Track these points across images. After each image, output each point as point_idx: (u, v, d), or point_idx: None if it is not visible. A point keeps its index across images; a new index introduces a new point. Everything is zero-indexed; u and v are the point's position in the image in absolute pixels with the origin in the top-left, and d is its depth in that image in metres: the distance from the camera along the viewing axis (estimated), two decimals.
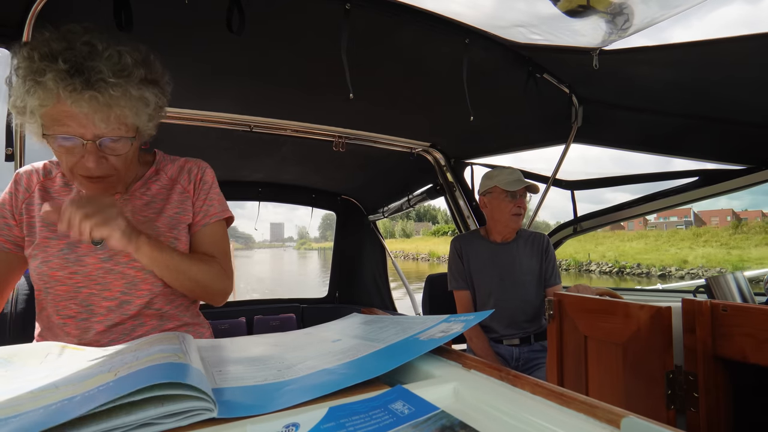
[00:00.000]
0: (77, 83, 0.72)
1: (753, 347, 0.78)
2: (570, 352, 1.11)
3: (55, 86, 0.71)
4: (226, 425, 0.39)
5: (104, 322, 0.85)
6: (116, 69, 0.76)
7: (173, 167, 0.98)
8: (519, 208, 1.87)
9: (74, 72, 0.73)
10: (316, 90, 1.75)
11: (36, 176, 0.90)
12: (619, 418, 0.35)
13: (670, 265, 29.28)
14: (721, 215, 61.08)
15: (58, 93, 0.72)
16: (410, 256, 59.28)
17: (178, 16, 1.21)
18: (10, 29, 1.16)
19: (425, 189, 2.92)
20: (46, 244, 0.84)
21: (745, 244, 31.37)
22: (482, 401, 0.43)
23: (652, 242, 36.20)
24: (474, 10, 1.33)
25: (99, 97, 0.74)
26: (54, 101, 0.73)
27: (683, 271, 27.95)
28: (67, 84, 0.71)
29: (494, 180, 1.90)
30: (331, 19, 1.25)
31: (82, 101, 0.73)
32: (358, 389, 0.46)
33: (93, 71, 0.74)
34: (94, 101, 0.74)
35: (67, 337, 0.85)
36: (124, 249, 0.78)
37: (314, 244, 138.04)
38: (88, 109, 0.74)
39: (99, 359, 0.56)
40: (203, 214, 0.97)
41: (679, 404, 0.87)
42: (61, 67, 0.72)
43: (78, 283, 0.84)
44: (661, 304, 0.91)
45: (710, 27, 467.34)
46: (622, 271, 31.10)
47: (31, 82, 0.72)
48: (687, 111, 1.65)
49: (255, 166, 2.71)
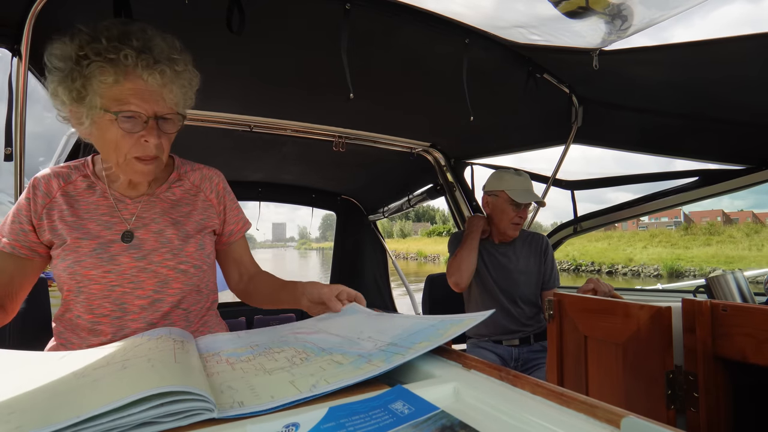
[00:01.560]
0: (149, 59, 0.79)
1: (753, 347, 0.78)
2: (570, 352, 1.11)
3: (133, 62, 0.77)
4: (226, 425, 0.39)
5: (138, 321, 0.86)
6: (174, 48, 0.84)
7: (194, 174, 1.01)
8: (520, 219, 1.86)
9: (146, 49, 0.79)
10: (316, 90, 1.75)
11: (56, 181, 0.90)
12: (619, 418, 0.35)
13: (618, 263, 32.12)
14: (712, 216, 61.16)
15: (134, 68, 0.77)
16: (401, 255, 61.07)
17: (178, 16, 1.21)
18: (10, 29, 1.16)
19: (425, 189, 2.93)
20: (78, 245, 0.85)
21: (691, 244, 33.90)
22: (482, 401, 0.43)
23: (615, 242, 37.98)
24: (474, 11, 1.33)
25: (167, 71, 0.81)
26: (124, 79, 0.78)
27: (627, 268, 31.37)
28: (143, 59, 0.78)
29: (504, 184, 1.88)
30: (331, 19, 1.25)
31: (156, 74, 0.79)
32: (358, 389, 0.46)
33: (158, 49, 0.81)
34: (164, 75, 0.80)
35: (97, 338, 0.85)
36: None
37: (314, 244, 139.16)
38: (160, 81, 0.80)
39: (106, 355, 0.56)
40: (242, 223, 1.05)
41: (679, 404, 0.87)
42: (135, 45, 0.78)
43: (112, 281, 0.85)
44: (661, 304, 0.91)
45: (712, 26, 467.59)
46: (578, 268, 33.84)
47: (100, 62, 0.76)
48: (687, 111, 1.65)
49: (255, 166, 2.71)
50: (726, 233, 33.46)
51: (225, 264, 1.08)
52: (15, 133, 1.21)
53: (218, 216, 1.00)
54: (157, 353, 0.54)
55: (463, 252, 1.83)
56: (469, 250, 1.83)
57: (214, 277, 1.01)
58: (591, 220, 2.27)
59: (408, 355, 0.52)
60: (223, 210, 1.01)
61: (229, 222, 1.03)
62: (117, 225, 0.88)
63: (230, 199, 1.04)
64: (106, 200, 0.90)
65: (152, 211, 0.92)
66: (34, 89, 1.29)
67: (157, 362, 0.49)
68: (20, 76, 1.19)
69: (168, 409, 0.39)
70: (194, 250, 0.91)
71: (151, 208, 0.92)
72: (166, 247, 0.89)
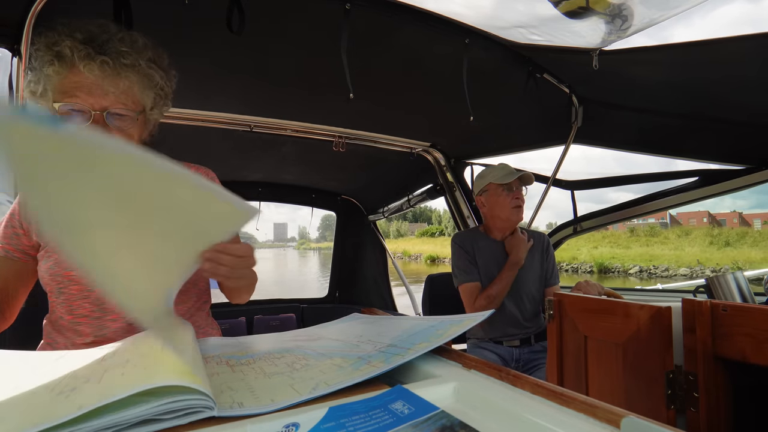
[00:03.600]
0: (90, 49, 0.78)
1: (753, 347, 0.78)
2: (570, 352, 1.11)
3: (70, 52, 0.76)
4: (226, 425, 0.39)
5: (118, 321, 0.86)
6: (127, 42, 0.82)
7: None
8: (518, 200, 1.85)
9: (88, 41, 0.79)
10: (316, 90, 1.75)
11: None
12: (619, 418, 0.35)
13: (563, 261, 35.22)
14: (698, 217, 61.49)
15: (72, 59, 0.77)
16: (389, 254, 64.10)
17: (178, 16, 1.21)
18: (10, 29, 1.16)
19: (425, 189, 2.92)
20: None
21: (633, 245, 37.25)
22: (482, 401, 0.43)
23: (573, 242, 40.93)
24: (474, 11, 1.33)
25: (110, 62, 0.79)
26: (67, 71, 0.78)
27: (569, 265, 35.11)
28: (81, 50, 0.77)
29: (487, 178, 1.89)
30: (331, 19, 1.25)
31: (93, 65, 0.77)
32: (358, 389, 0.46)
33: (105, 42, 0.80)
34: (106, 66, 0.78)
35: (80, 337, 0.86)
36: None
37: (312, 245, 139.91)
38: (99, 73, 0.78)
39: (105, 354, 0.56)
40: None
41: (679, 404, 0.87)
42: (77, 37, 0.78)
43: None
44: (661, 304, 0.91)
45: (712, 26, 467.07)
46: None
47: (49, 54, 0.77)
48: (687, 111, 1.65)
49: (255, 166, 2.71)
50: (662, 235, 37.75)
51: None
52: None
53: None
54: (157, 349, 0.54)
55: (502, 287, 1.78)
56: (508, 282, 1.79)
57: (204, 276, 0.98)
58: (591, 220, 2.27)
59: (408, 356, 0.52)
60: None
61: None
62: None
63: None
64: None
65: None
66: None
67: (158, 356, 0.49)
68: (20, 76, 1.19)
69: (169, 406, 0.39)
70: None
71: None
72: None
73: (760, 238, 34.24)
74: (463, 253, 1.91)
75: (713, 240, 34.87)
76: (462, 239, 1.95)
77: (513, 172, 1.87)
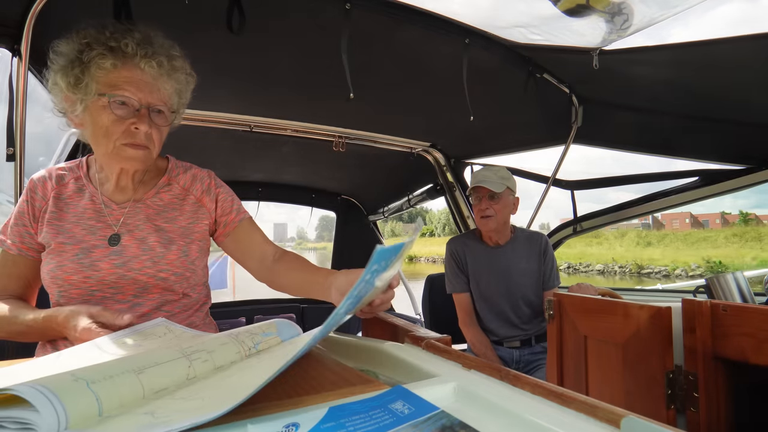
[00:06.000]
0: (149, 50, 0.84)
1: (753, 347, 0.78)
2: (570, 352, 1.11)
3: (133, 51, 0.82)
4: (226, 425, 0.39)
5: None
6: (174, 48, 0.90)
7: (185, 176, 1.01)
8: (481, 210, 1.81)
9: (146, 41, 0.85)
10: (316, 90, 1.75)
11: (50, 184, 0.92)
12: (619, 418, 0.35)
13: None
14: (681, 218, 61.92)
15: (133, 57, 0.82)
16: None
17: (178, 16, 1.21)
18: (10, 29, 1.16)
19: (425, 189, 2.92)
20: (61, 249, 0.86)
21: (578, 244, 40.53)
22: (482, 401, 0.43)
23: None
24: (474, 11, 1.33)
25: (165, 63, 0.86)
26: (122, 66, 0.82)
27: None
28: (143, 48, 0.83)
29: (472, 181, 1.89)
30: (331, 19, 1.25)
31: (153, 63, 0.84)
32: (358, 389, 0.46)
33: (158, 43, 0.87)
34: (161, 67, 0.85)
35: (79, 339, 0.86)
36: None
37: (310, 244, 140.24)
38: (156, 72, 0.85)
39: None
40: (236, 213, 1.03)
41: (679, 404, 0.87)
42: (137, 36, 0.84)
43: (92, 287, 0.86)
44: (661, 304, 0.91)
45: (710, 26, 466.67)
46: None
47: (101, 49, 0.81)
48: (687, 111, 1.65)
49: (255, 166, 2.71)
50: (602, 236, 41.72)
51: (238, 256, 1.04)
52: (15, 133, 1.21)
53: (210, 214, 0.99)
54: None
55: (482, 356, 1.78)
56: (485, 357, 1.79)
57: (203, 280, 0.99)
58: (591, 219, 2.27)
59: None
60: (215, 204, 1.00)
61: (222, 213, 1.01)
62: (102, 230, 0.88)
63: (223, 191, 1.02)
64: (93, 204, 0.91)
65: (136, 218, 0.91)
66: (34, 89, 1.29)
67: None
68: (20, 76, 1.19)
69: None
70: (176, 258, 0.91)
71: (136, 214, 0.92)
72: (147, 254, 0.88)
73: (675, 239, 38.34)
74: (452, 262, 1.92)
75: (639, 241, 39.53)
76: (454, 245, 1.95)
77: (476, 180, 1.85)
